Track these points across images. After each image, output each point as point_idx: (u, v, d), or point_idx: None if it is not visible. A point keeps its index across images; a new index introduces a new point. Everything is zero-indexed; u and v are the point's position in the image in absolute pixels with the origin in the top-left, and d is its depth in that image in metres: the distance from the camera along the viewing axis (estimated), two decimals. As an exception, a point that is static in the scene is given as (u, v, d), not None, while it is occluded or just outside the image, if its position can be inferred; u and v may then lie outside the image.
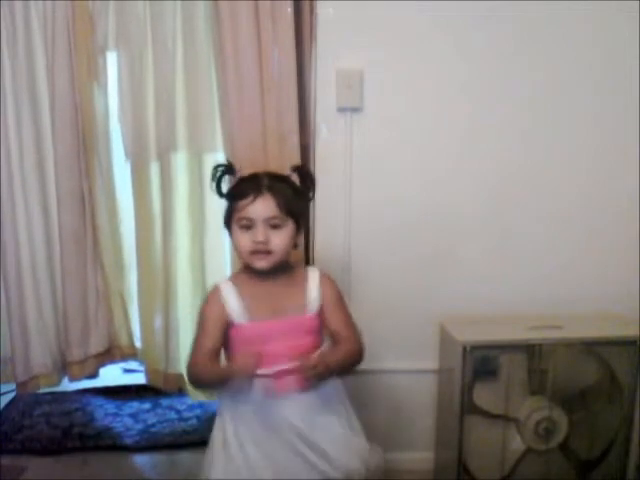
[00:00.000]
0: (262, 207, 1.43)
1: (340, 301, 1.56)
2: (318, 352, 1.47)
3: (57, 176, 2.05)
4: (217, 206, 2.08)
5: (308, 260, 2.00)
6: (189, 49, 1.96)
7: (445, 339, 1.99)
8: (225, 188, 1.53)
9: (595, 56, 1.94)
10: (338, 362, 1.45)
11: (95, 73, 2.03)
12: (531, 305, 2.01)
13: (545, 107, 1.96)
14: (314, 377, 1.38)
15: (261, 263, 1.45)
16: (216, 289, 1.50)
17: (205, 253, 2.11)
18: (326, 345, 1.53)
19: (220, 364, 1.49)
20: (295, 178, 1.54)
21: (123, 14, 1.97)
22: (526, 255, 2.04)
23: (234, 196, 1.47)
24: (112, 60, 2.04)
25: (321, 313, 1.51)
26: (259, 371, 1.40)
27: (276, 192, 1.44)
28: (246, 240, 1.44)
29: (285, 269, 1.51)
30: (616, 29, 1.92)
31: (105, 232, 2.15)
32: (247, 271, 1.51)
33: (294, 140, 1.91)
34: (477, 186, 1.99)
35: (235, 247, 1.50)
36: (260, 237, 1.42)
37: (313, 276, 1.53)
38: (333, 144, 1.94)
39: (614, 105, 1.96)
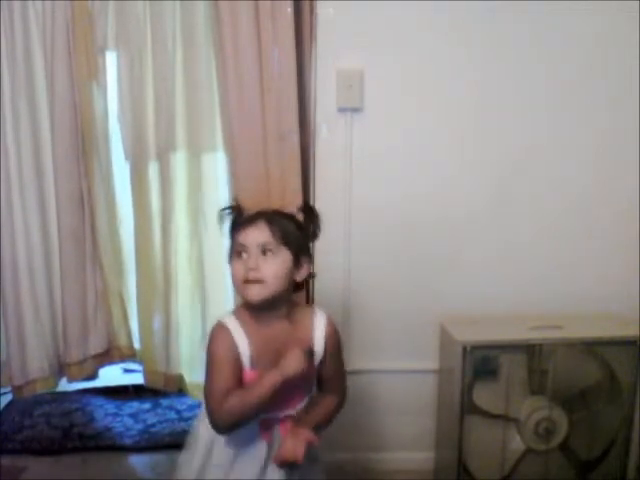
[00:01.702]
0: (255, 232, 1.36)
1: (339, 351, 1.49)
2: (298, 406, 1.41)
3: (56, 176, 2.05)
4: (216, 206, 2.09)
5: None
6: (189, 49, 1.96)
7: (445, 339, 1.99)
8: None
9: (596, 56, 1.94)
10: (320, 425, 1.43)
11: (94, 73, 2.02)
12: (531, 305, 2.01)
13: (546, 108, 1.96)
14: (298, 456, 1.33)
15: (252, 293, 1.35)
16: (224, 327, 1.39)
17: (204, 253, 2.10)
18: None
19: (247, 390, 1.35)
20: (301, 217, 1.47)
21: (123, 14, 1.97)
22: (526, 255, 2.04)
23: (233, 228, 1.44)
24: (111, 60, 2.04)
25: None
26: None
27: (271, 220, 1.38)
28: (238, 268, 1.36)
29: (287, 310, 1.42)
30: (616, 29, 1.91)
31: (104, 232, 2.15)
32: (250, 313, 1.41)
33: (294, 140, 1.90)
34: (477, 186, 1.99)
35: (232, 280, 1.41)
36: (251, 263, 1.34)
37: (319, 324, 1.44)
38: (333, 144, 1.94)
39: (614, 105, 1.96)
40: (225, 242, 1.50)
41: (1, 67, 1.97)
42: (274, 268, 1.36)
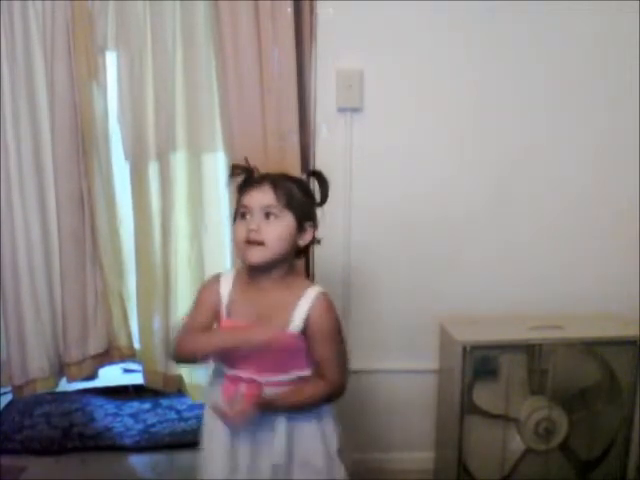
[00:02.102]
0: (259, 195, 1.37)
1: (332, 331, 1.41)
2: (280, 377, 1.39)
3: (56, 176, 2.04)
4: (216, 206, 2.10)
5: (308, 261, 2.00)
6: (189, 49, 1.96)
7: (445, 339, 1.99)
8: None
9: (596, 56, 1.94)
10: (293, 404, 1.38)
11: (94, 73, 2.01)
12: (531, 305, 2.01)
13: (545, 108, 1.96)
14: (242, 419, 1.33)
15: (253, 255, 1.36)
16: (217, 277, 1.47)
17: (204, 254, 2.10)
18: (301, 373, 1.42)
19: (205, 334, 1.41)
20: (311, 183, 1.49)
21: (123, 14, 1.96)
22: (526, 255, 2.04)
23: (239, 190, 1.44)
24: (111, 60, 2.04)
25: (308, 337, 1.39)
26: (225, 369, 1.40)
27: (277, 184, 1.38)
28: (241, 229, 1.37)
29: (284, 277, 1.42)
30: (616, 29, 1.91)
31: (104, 232, 2.14)
32: (248, 270, 1.44)
33: (294, 140, 1.90)
34: (477, 186, 1.99)
35: (234, 241, 1.44)
36: (252, 224, 1.35)
37: (309, 295, 1.39)
38: (333, 144, 1.94)
39: (614, 105, 1.96)
40: (224, 239, 1.51)
41: (1, 67, 1.97)
42: (276, 231, 1.36)
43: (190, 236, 2.10)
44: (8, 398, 2.46)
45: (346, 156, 1.94)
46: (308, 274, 1.99)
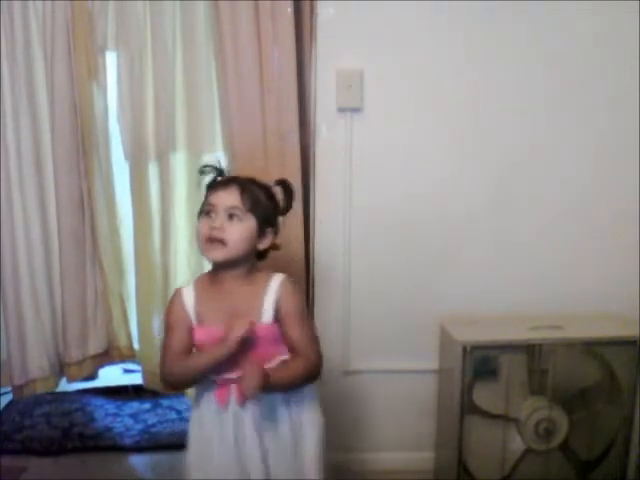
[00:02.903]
0: (225, 195, 1.42)
1: (300, 312, 1.46)
2: (266, 365, 1.41)
3: (56, 176, 2.05)
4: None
5: (308, 260, 2.00)
6: (189, 49, 1.96)
7: (445, 339, 1.99)
8: None
9: (596, 56, 1.93)
10: (282, 380, 1.40)
11: (94, 73, 2.02)
12: (531, 305, 2.01)
13: (545, 108, 1.96)
14: (253, 389, 1.34)
15: (214, 253, 1.41)
16: (177, 293, 1.49)
17: (204, 254, 2.11)
18: (282, 357, 1.47)
19: (193, 356, 1.46)
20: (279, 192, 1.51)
21: (123, 14, 1.96)
22: (526, 255, 2.04)
23: (208, 188, 1.49)
24: (111, 60, 2.04)
25: (280, 322, 1.44)
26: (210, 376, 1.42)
27: (242, 186, 1.43)
28: (204, 226, 1.42)
29: (247, 274, 1.46)
30: (616, 29, 1.91)
31: (104, 233, 2.15)
32: (210, 274, 1.50)
33: (294, 140, 1.91)
34: (477, 186, 1.99)
35: (196, 237, 1.47)
36: (217, 222, 1.39)
37: (274, 283, 1.45)
38: (333, 144, 1.94)
39: (614, 105, 1.96)
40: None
41: (1, 67, 1.97)
42: (237, 233, 1.41)
43: (189, 236, 2.10)
44: (8, 398, 2.46)
45: (346, 156, 1.94)
46: (308, 275, 1.99)
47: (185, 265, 2.11)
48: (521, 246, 2.03)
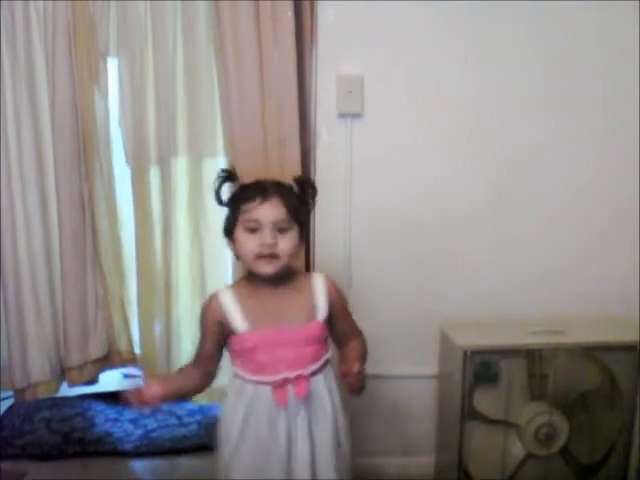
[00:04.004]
0: (271, 210, 1.41)
1: (346, 303, 1.58)
2: (350, 358, 1.50)
3: (57, 180, 2.05)
4: (217, 211, 2.09)
5: (308, 265, 2.00)
6: (190, 54, 1.97)
7: (445, 344, 1.99)
8: (225, 196, 1.51)
9: (595, 56, 1.94)
10: (363, 360, 1.54)
11: (96, 77, 2.02)
12: (531, 310, 2.02)
13: (545, 108, 1.96)
14: (359, 384, 1.44)
15: (267, 268, 1.43)
16: (214, 298, 1.50)
17: (205, 258, 2.11)
18: (330, 354, 1.53)
19: (181, 374, 1.59)
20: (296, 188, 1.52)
21: (124, 20, 1.97)
22: (526, 260, 2.04)
23: (239, 200, 1.45)
24: (113, 64, 2.04)
25: (328, 321, 1.51)
26: (262, 378, 1.43)
27: (284, 196, 1.43)
28: (252, 244, 1.41)
29: (287, 276, 1.49)
30: (616, 28, 1.92)
31: (105, 237, 2.15)
32: (249, 278, 1.50)
33: (294, 145, 1.91)
34: (477, 192, 2.00)
35: (239, 253, 1.47)
36: (269, 239, 1.40)
37: (319, 283, 1.51)
38: (334, 149, 1.95)
39: (614, 105, 1.96)
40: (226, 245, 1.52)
41: (3, 72, 1.98)
42: (288, 245, 1.43)
43: (191, 240, 2.10)
44: (8, 403, 2.46)
45: (346, 161, 1.94)
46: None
47: (187, 269, 2.11)
48: (521, 248, 2.04)
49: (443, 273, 2.04)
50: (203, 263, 2.11)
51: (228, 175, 1.51)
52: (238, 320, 1.45)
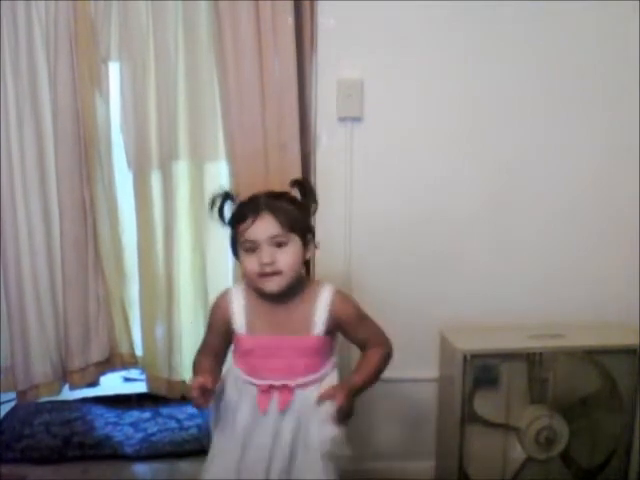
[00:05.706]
0: (263, 227, 1.39)
1: (358, 315, 1.52)
2: (344, 381, 1.46)
3: (59, 185, 2.05)
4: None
5: (308, 269, 2.00)
6: (191, 59, 1.97)
7: (445, 347, 1.99)
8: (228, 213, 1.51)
9: (595, 56, 1.94)
10: (367, 378, 1.47)
11: (97, 82, 2.03)
12: (531, 313, 2.02)
13: (545, 109, 1.97)
14: (342, 415, 1.37)
15: (271, 285, 1.41)
16: (226, 292, 1.52)
17: (207, 261, 2.11)
18: (330, 369, 1.50)
19: (204, 364, 1.52)
20: (295, 193, 1.51)
21: (126, 24, 1.98)
22: (526, 264, 2.04)
23: (235, 220, 1.45)
24: (114, 70, 2.05)
25: (341, 331, 1.51)
26: (252, 380, 1.44)
27: (275, 210, 1.40)
28: (252, 263, 1.40)
29: (297, 285, 1.46)
30: (616, 28, 1.92)
31: (106, 240, 2.15)
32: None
33: (295, 149, 1.91)
34: (477, 194, 2.00)
35: (244, 272, 1.47)
36: (265, 258, 1.37)
37: (324, 295, 1.47)
38: (334, 153, 1.95)
39: (614, 105, 1.97)
40: (227, 246, 1.53)
41: (5, 77, 1.99)
42: (288, 258, 1.40)
43: (193, 244, 2.10)
44: (9, 407, 2.46)
45: (347, 165, 1.95)
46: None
47: (188, 273, 2.12)
48: (521, 251, 2.04)
49: (443, 276, 2.04)
50: (204, 267, 2.11)
51: (225, 196, 1.50)
52: (239, 322, 1.47)
